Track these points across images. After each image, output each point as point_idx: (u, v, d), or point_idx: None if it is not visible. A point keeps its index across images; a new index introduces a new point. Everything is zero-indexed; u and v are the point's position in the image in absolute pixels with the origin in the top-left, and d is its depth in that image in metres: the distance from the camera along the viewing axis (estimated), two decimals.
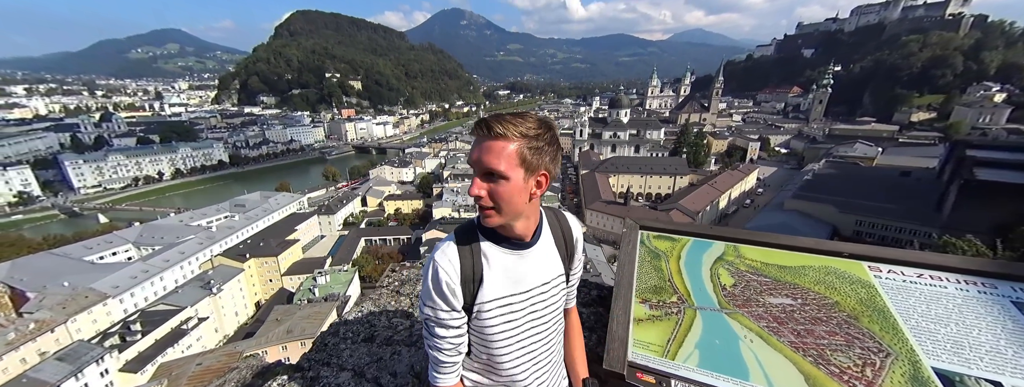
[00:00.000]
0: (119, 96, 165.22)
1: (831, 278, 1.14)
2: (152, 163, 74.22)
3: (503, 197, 0.77)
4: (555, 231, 0.98)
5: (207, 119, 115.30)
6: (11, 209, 56.58)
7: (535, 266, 0.91)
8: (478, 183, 0.77)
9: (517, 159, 0.75)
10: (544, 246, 0.93)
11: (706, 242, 1.38)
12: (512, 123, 0.74)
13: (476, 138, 0.78)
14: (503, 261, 0.87)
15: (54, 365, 20.69)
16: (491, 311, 0.86)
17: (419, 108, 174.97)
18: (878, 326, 0.99)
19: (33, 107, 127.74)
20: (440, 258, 0.83)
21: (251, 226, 43.62)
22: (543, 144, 0.78)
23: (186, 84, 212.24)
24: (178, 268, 33.63)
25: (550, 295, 0.93)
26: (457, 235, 0.87)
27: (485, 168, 0.75)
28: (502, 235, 0.87)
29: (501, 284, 0.86)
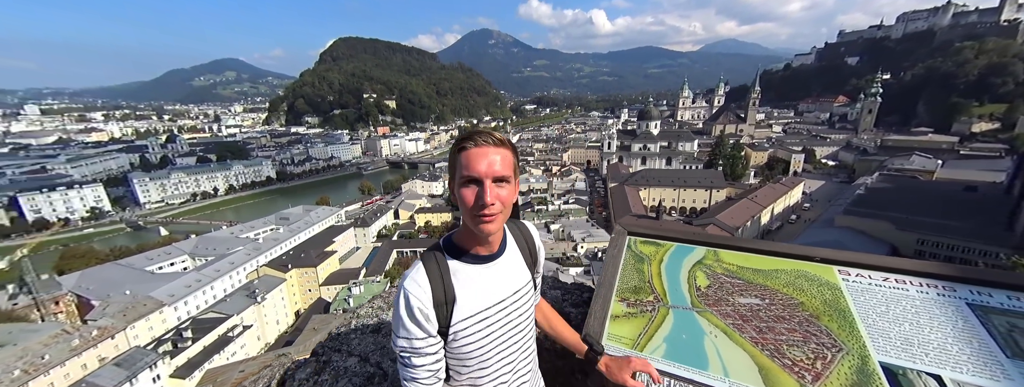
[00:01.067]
0: (183, 119, 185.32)
1: (801, 281, 1.20)
2: (209, 180, 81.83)
3: (507, 201, 0.82)
4: (518, 240, 1.02)
5: (258, 139, 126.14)
6: (83, 223, 63.27)
7: (505, 276, 0.93)
8: (493, 190, 0.80)
9: (514, 165, 0.84)
10: (511, 255, 0.97)
11: (688, 247, 1.45)
12: (502, 135, 0.83)
13: (478, 149, 0.80)
14: (474, 276, 0.89)
15: (111, 370, 22.45)
16: (468, 328, 0.87)
17: (449, 124, 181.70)
18: (836, 324, 1.06)
19: (109, 131, 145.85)
20: (409, 285, 0.83)
21: (293, 238, 46.53)
22: (517, 154, 0.87)
23: (241, 107, 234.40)
24: (227, 278, 36.28)
25: (522, 303, 0.96)
26: (423, 259, 0.88)
27: (496, 174, 0.80)
28: (469, 251, 0.90)
29: (475, 300, 0.87)
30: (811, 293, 1.15)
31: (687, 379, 1.05)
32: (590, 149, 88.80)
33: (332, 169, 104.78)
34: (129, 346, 25.96)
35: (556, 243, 38.41)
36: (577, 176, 67.07)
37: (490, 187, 0.80)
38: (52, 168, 77.06)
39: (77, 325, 27.07)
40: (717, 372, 1.04)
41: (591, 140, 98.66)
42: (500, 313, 0.91)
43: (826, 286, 1.16)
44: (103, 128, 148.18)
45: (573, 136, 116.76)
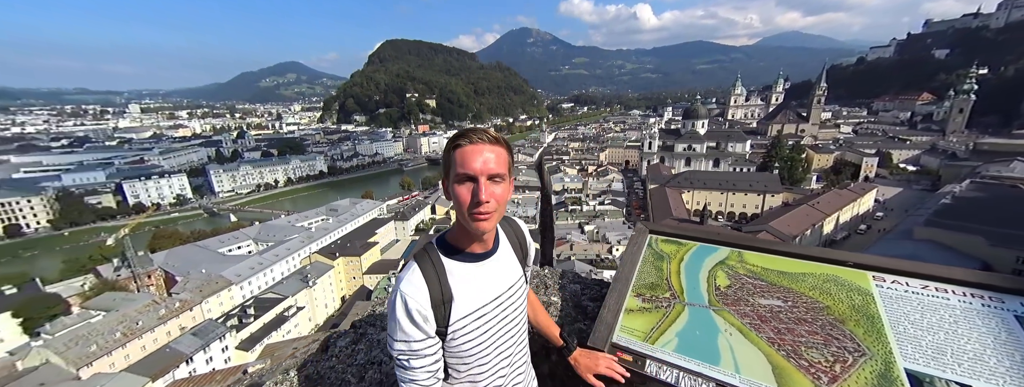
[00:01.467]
0: (251, 117, 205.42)
1: (829, 285, 1.16)
2: (271, 172, 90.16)
3: (502, 199, 0.83)
4: (510, 236, 1.04)
5: (313, 136, 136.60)
6: (170, 208, 72.71)
7: (500, 273, 0.95)
8: (489, 187, 0.80)
9: (508, 163, 0.84)
10: (504, 252, 0.98)
11: (712, 247, 1.42)
12: (497, 134, 0.84)
13: (473, 146, 0.80)
14: (469, 274, 0.89)
15: (189, 339, 25.60)
16: (466, 327, 0.87)
17: (485, 123, 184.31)
18: (862, 329, 1.03)
19: (192, 127, 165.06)
20: (406, 287, 0.83)
21: (341, 229, 49.95)
22: (512, 152, 0.88)
23: (299, 106, 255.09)
24: (284, 262, 39.87)
25: (517, 298, 0.98)
26: (417, 260, 0.88)
27: (491, 172, 0.80)
28: (464, 249, 0.90)
29: (472, 298, 0.88)
30: (839, 297, 1.12)
31: (697, 373, 1.06)
32: (629, 149, 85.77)
33: (376, 165, 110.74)
34: (204, 318, 29.44)
35: (590, 244, 37.63)
36: (614, 176, 65.09)
37: (485, 185, 0.80)
38: (148, 159, 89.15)
39: (164, 297, 31.15)
40: (728, 368, 1.05)
41: (630, 139, 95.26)
42: (497, 309, 0.92)
43: (856, 291, 1.12)
44: (187, 125, 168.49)
45: (611, 135, 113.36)
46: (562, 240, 38.69)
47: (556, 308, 1.71)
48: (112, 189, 68.72)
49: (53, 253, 51.80)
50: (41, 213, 59.66)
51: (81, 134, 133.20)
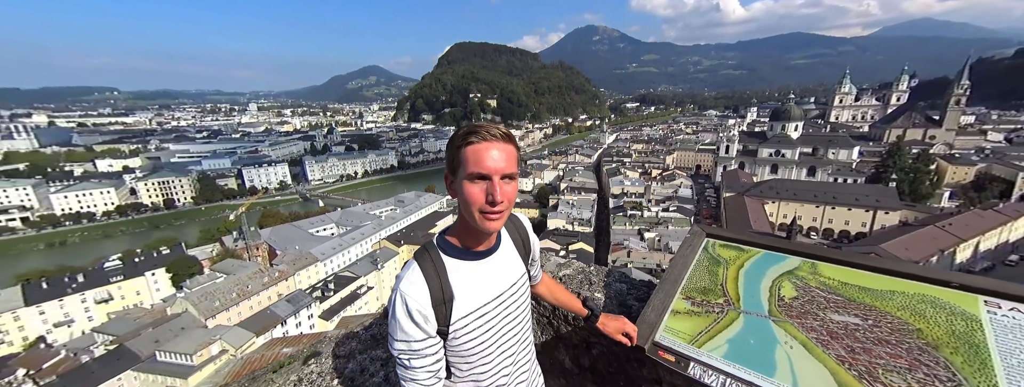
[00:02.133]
0: (339, 115, 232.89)
1: (924, 306, 1.02)
2: (351, 165, 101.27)
3: (513, 198, 0.82)
4: (512, 233, 1.03)
5: (387, 133, 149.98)
6: (275, 192, 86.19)
7: (500, 270, 0.94)
8: (502, 187, 0.79)
9: (517, 161, 0.84)
10: (506, 249, 0.98)
11: (779, 256, 1.31)
12: (506, 130, 0.81)
13: (486, 144, 0.78)
14: (471, 272, 0.89)
15: (284, 304, 29.99)
16: (468, 326, 0.87)
17: (544, 122, 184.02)
18: (961, 358, 0.91)
19: (293, 123, 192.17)
20: (406, 287, 0.82)
21: (406, 219, 54.19)
22: (519, 149, 0.87)
23: (377, 106, 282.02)
24: (359, 245, 44.55)
25: (519, 296, 0.98)
26: (417, 259, 0.87)
27: (504, 171, 0.78)
28: (465, 248, 0.89)
29: (473, 297, 0.88)
30: (936, 321, 0.99)
31: (746, 381, 1.01)
32: (702, 152, 78.53)
33: (439, 161, 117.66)
34: (296, 288, 34.24)
35: (650, 252, 35.34)
36: (682, 182, 60.07)
37: (499, 184, 0.79)
38: (260, 150, 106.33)
39: (267, 267, 36.92)
40: (784, 381, 0.98)
41: (704, 142, 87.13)
42: (499, 308, 0.92)
43: (960, 316, 0.99)
44: (290, 121, 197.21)
45: (681, 137, 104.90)
46: (619, 246, 36.96)
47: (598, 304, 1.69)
48: (235, 174, 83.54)
49: (194, 223, 64.80)
50: (188, 190, 74.97)
51: (216, 128, 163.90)
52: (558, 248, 34.93)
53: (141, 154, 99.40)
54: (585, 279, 1.86)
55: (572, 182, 63.06)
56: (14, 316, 30.99)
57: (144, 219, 67.11)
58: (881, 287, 1.11)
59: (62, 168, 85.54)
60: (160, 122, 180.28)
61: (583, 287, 1.78)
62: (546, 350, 1.74)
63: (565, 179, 67.20)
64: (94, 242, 58.63)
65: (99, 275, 35.46)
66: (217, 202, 75.40)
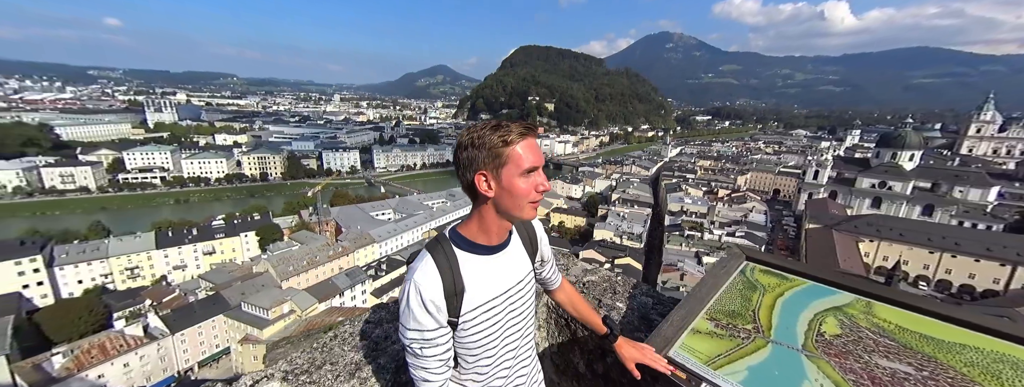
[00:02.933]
0: (406, 110, 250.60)
1: (1002, 367, 0.88)
2: (412, 156, 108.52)
3: (546, 188, 0.89)
4: (520, 230, 1.06)
5: (446, 129, 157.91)
6: (346, 175, 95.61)
7: (510, 266, 0.97)
8: (545, 179, 0.87)
9: None
10: (515, 246, 1.00)
11: (828, 289, 1.19)
12: (531, 123, 0.87)
13: (531, 140, 0.84)
14: (481, 266, 0.91)
15: (343, 278, 33.27)
16: (476, 318, 0.89)
17: (601, 130, 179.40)
18: None
19: (368, 115, 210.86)
20: (420, 277, 0.85)
21: (455, 212, 56.77)
22: None
23: (441, 103, 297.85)
24: (410, 232, 47.78)
25: (526, 292, 1.01)
26: (430, 251, 0.89)
27: (543, 163, 0.87)
28: (478, 243, 0.92)
29: (483, 290, 0.90)
30: (1011, 383, 0.85)
31: None
32: (782, 176, 70.54)
33: None
34: (354, 264, 37.86)
35: None
36: (754, 206, 54.56)
37: (542, 176, 0.86)
38: (339, 137, 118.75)
39: (333, 242, 41.29)
40: None
41: (786, 164, 78.12)
42: (506, 302, 0.94)
43: None
44: (365, 112, 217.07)
45: (758, 157, 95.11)
46: (671, 267, 34.87)
47: (618, 313, 1.62)
48: (316, 156, 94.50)
49: (280, 196, 74.63)
50: (279, 167, 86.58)
51: (306, 114, 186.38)
52: (603, 260, 34.03)
53: (248, 132, 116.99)
54: (609, 287, 1.78)
55: (625, 194, 60.76)
56: (148, 256, 38.72)
57: (244, 188, 79.04)
58: (949, 338, 0.97)
59: (191, 139, 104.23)
60: (264, 106, 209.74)
61: (606, 295, 1.71)
62: (562, 352, 1.70)
63: (618, 190, 65.01)
64: (206, 203, 70.62)
65: (207, 231, 42.71)
66: (300, 179, 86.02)
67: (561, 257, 2.22)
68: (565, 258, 2.25)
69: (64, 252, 35.61)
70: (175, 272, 40.13)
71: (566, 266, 2.11)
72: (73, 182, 65.40)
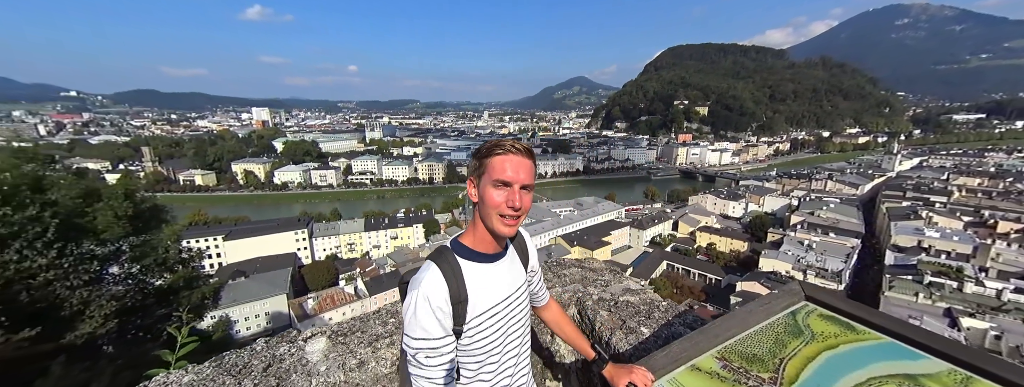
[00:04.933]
0: (542, 122, 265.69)
1: None
2: (543, 165, 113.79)
3: (528, 206, 0.91)
4: (515, 241, 1.10)
5: (578, 139, 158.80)
6: None
7: (508, 274, 1.00)
8: (524, 196, 0.88)
9: (534, 174, 0.92)
10: (511, 255, 1.04)
11: (911, 352, 0.91)
12: (528, 145, 0.91)
13: (512, 156, 0.87)
14: (482, 275, 0.93)
15: None
16: (481, 325, 0.91)
17: (777, 135, 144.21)
18: None
19: (509, 127, 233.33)
20: (426, 285, 0.86)
21: (582, 222, 56.11)
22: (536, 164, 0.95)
23: (575, 114, 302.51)
24: (538, 238, 49.86)
25: (524, 299, 1.05)
26: (435, 260, 0.91)
27: (524, 182, 0.87)
28: (478, 251, 0.95)
29: (486, 297, 0.92)
30: None
31: None
32: None
33: (625, 170, 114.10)
34: None
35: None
36: None
37: (519, 193, 0.87)
38: None
39: None
40: None
41: None
42: (507, 309, 0.97)
43: None
44: (507, 126, 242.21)
45: None
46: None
47: (637, 337, 1.46)
48: (467, 164, 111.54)
49: (441, 196, 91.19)
50: (441, 173, 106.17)
51: (462, 129, 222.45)
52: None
53: (422, 145, 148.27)
54: (645, 311, 1.61)
55: (816, 217, 46.58)
56: (359, 236, 53.74)
57: (418, 188, 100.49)
58: None
59: (387, 151, 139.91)
60: (434, 124, 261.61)
61: (634, 318, 1.56)
62: (553, 360, 1.68)
63: (801, 210, 50.52)
64: (394, 199, 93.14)
65: (394, 221, 56.02)
66: (454, 183, 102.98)
67: (606, 272, 2.12)
68: (610, 274, 2.09)
69: (317, 228, 53.29)
70: (374, 250, 54.24)
71: (608, 282, 1.96)
72: (325, 180, 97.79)
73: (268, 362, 1.27)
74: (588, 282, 2.03)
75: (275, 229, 49.28)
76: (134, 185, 8.70)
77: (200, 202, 74.39)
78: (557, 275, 2.13)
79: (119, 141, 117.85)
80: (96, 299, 5.44)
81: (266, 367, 1.24)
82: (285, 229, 49.55)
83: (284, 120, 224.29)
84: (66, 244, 5.28)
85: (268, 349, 1.39)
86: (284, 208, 77.69)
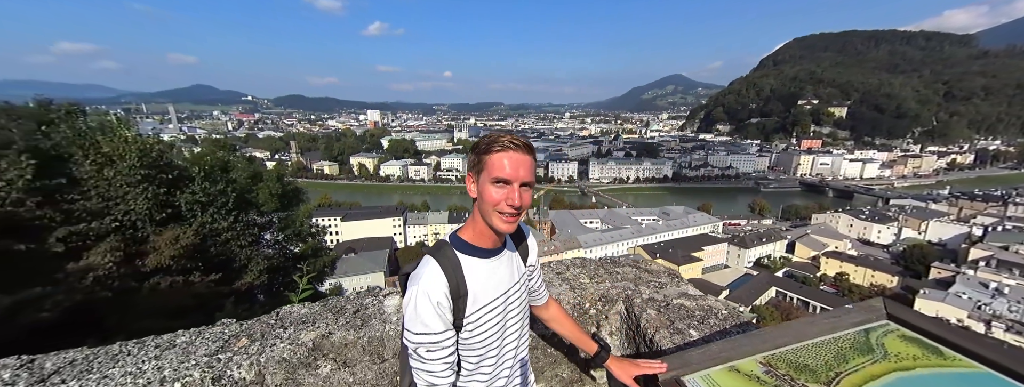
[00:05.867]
0: (627, 124, 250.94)
1: None
2: (626, 170, 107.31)
3: (528, 204, 0.89)
4: (513, 235, 1.07)
5: (669, 142, 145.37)
6: (564, 183, 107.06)
7: (507, 268, 0.99)
8: (523, 193, 0.87)
9: (534, 170, 0.90)
10: (509, 249, 1.03)
11: (1007, 383, 0.78)
12: (527, 141, 0.88)
13: (513, 152, 0.85)
14: (482, 269, 0.93)
15: None
16: (481, 319, 0.91)
17: (954, 143, 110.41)
18: None
19: (590, 129, 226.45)
20: (426, 280, 0.86)
21: (668, 233, 51.22)
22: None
23: (666, 115, 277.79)
24: (615, 245, 47.23)
25: (522, 293, 1.04)
26: (434, 255, 0.91)
27: (523, 179, 0.86)
28: (477, 246, 0.94)
29: (485, 292, 0.92)
30: None
31: None
32: None
33: (725, 178, 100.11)
34: None
35: None
36: None
37: (519, 190, 0.86)
38: (562, 149, 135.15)
39: (548, 240, 47.16)
40: None
41: None
42: (506, 303, 0.97)
43: None
44: (588, 128, 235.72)
45: None
46: None
47: (683, 338, 1.38)
48: (544, 165, 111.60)
49: None
50: None
51: (541, 130, 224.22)
52: None
53: None
54: (700, 316, 1.52)
55: (1012, 253, 34.31)
56: (443, 227, 58.64)
57: None
58: None
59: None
60: (516, 125, 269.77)
61: (685, 320, 1.50)
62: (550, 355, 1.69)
63: (988, 242, 37.87)
64: None
65: None
66: None
67: (663, 275, 2.02)
68: (668, 277, 1.98)
69: (410, 217, 59.74)
70: None
71: (663, 284, 1.87)
72: (418, 175, 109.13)
73: (356, 308, 1.55)
74: (641, 282, 1.92)
75: (378, 215, 57.02)
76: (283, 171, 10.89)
77: (326, 188, 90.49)
78: (608, 271, 2.07)
79: (276, 136, 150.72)
80: (255, 257, 6.97)
81: (355, 311, 1.52)
82: (386, 216, 56.93)
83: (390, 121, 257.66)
84: (239, 213, 6.89)
85: (358, 299, 1.66)
86: (385, 197, 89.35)
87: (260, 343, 1.30)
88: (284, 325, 1.44)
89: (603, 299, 1.74)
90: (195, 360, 1.21)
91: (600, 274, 2.02)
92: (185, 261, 5.26)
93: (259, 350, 1.26)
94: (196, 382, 1.13)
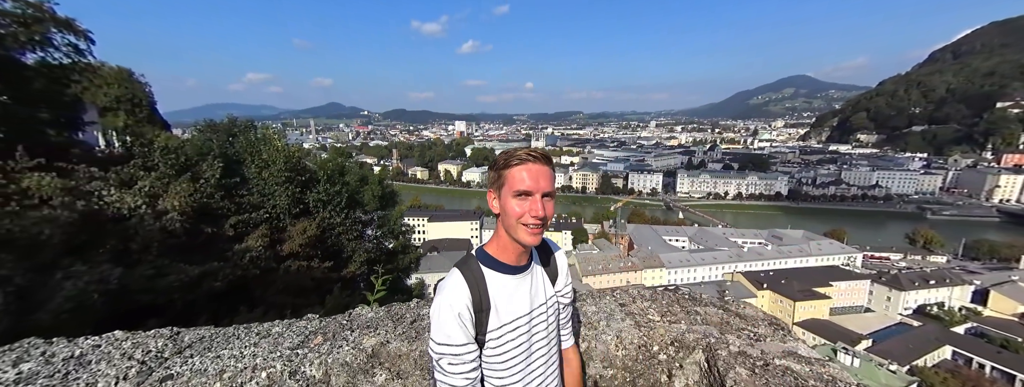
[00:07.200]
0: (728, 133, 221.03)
1: None
2: (724, 184, 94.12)
3: (551, 214, 0.89)
4: (542, 254, 1.06)
5: (784, 154, 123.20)
6: (646, 196, 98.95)
7: (532, 288, 0.98)
8: (546, 204, 0.87)
9: (554, 180, 0.91)
10: (537, 269, 1.02)
11: None
12: (546, 151, 0.90)
13: (533, 165, 0.86)
14: (507, 286, 0.93)
15: None
16: (503, 336, 0.90)
17: None
18: None
19: (680, 139, 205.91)
20: (449, 291, 0.86)
21: (781, 260, 43.16)
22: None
23: (782, 122, 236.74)
24: (707, 268, 41.62)
25: (550, 315, 1.01)
26: (459, 268, 0.91)
27: (545, 190, 0.87)
28: (503, 262, 0.93)
29: (508, 308, 0.92)
30: None
31: None
32: None
33: (869, 200, 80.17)
34: (639, 282, 38.34)
35: None
36: None
37: (541, 202, 0.86)
38: (646, 160, 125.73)
39: (625, 255, 44.06)
40: None
41: None
42: (531, 323, 0.95)
43: None
44: (678, 137, 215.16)
45: None
46: None
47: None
48: (623, 176, 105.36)
49: (591, 206, 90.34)
50: (594, 183, 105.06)
51: (623, 139, 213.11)
52: None
53: (578, 155, 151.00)
54: None
55: None
56: None
57: (570, 196, 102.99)
58: None
59: None
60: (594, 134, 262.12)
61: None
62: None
63: None
64: None
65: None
66: (607, 195, 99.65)
67: (762, 324, 1.57)
68: (768, 327, 1.54)
69: (485, 222, 62.50)
70: None
71: (760, 336, 1.45)
72: None
73: (414, 317, 1.56)
74: (729, 329, 1.52)
75: (459, 217, 61.21)
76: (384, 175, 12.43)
77: (417, 191, 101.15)
78: (685, 310, 1.71)
79: (382, 145, 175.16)
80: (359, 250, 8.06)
81: (412, 320, 1.53)
82: (465, 219, 60.79)
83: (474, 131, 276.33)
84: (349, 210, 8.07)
85: (416, 308, 1.68)
86: (466, 202, 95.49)
87: (330, 343, 1.37)
88: (352, 327, 1.50)
89: (676, 344, 1.45)
90: (280, 352, 1.31)
91: (674, 311, 1.69)
92: (309, 249, 6.33)
93: (328, 350, 1.32)
94: (277, 373, 1.21)
